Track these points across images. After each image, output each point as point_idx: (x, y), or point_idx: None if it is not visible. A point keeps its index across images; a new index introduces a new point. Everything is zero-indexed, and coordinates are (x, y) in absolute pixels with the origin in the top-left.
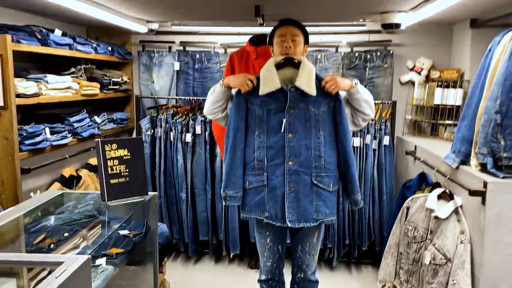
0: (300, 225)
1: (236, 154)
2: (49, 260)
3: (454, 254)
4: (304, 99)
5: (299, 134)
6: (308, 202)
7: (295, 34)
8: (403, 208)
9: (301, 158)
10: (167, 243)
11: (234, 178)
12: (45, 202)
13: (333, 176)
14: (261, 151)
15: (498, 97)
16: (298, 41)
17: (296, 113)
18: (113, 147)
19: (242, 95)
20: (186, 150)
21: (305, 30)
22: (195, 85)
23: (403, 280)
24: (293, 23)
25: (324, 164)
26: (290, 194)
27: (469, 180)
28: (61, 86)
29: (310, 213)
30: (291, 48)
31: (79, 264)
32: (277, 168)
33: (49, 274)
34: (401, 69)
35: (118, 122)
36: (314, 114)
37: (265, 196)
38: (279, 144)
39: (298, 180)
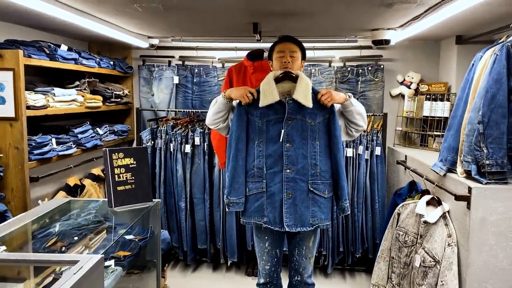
0: (297, 229)
1: (238, 163)
2: (65, 259)
3: (442, 257)
4: (301, 111)
5: (296, 144)
6: (304, 207)
7: (294, 50)
8: (394, 214)
9: (298, 166)
10: (168, 249)
11: (237, 185)
12: (54, 209)
13: (328, 183)
14: (261, 159)
15: (480, 108)
16: (296, 57)
17: (294, 124)
18: (120, 155)
19: (243, 107)
20: (186, 160)
21: (302, 46)
22: (193, 98)
23: (395, 284)
24: (292, 40)
25: (320, 172)
26: (288, 200)
27: (455, 186)
28: (67, 99)
29: (306, 218)
30: (290, 63)
31: (94, 262)
32: (275, 175)
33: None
34: (391, 83)
35: (119, 133)
36: (310, 125)
37: (264, 202)
38: (277, 153)
39: (295, 187)
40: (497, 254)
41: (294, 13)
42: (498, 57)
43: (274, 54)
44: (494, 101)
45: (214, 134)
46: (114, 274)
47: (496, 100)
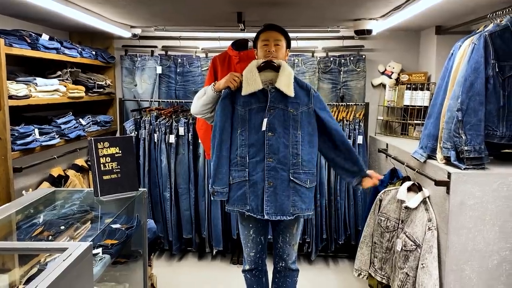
0: (277, 218)
1: (222, 153)
2: (54, 246)
3: (423, 240)
4: (284, 100)
5: (278, 133)
6: (285, 196)
7: (278, 39)
8: (376, 201)
9: (279, 155)
10: (155, 238)
11: (221, 175)
12: (38, 199)
13: (310, 173)
14: (244, 148)
15: (459, 96)
16: (280, 45)
17: (276, 113)
18: (105, 145)
19: (228, 97)
20: (170, 151)
21: (287, 35)
22: (177, 88)
23: (377, 268)
24: (277, 29)
25: (301, 162)
26: (269, 189)
27: (435, 172)
28: (49, 89)
29: (287, 207)
30: (274, 52)
31: (83, 249)
32: (257, 164)
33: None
34: (373, 73)
35: (102, 124)
36: (292, 115)
37: (247, 190)
38: (259, 142)
39: (276, 176)
40: (474, 237)
41: (278, 3)
42: (476, 46)
43: (258, 42)
44: (472, 89)
45: (200, 124)
46: (102, 261)
47: (474, 88)
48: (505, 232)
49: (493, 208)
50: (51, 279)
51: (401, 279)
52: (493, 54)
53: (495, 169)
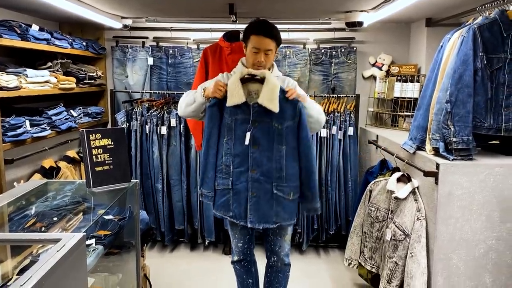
0: (261, 226)
1: (208, 159)
2: (47, 238)
3: (412, 230)
4: (269, 114)
5: (262, 146)
6: (268, 207)
7: (269, 48)
8: (366, 191)
9: (263, 168)
10: (147, 229)
11: (207, 180)
12: (30, 190)
13: (294, 186)
14: (228, 157)
15: (448, 88)
16: (270, 53)
17: (260, 127)
18: (97, 136)
19: (216, 104)
20: (162, 142)
21: (278, 37)
22: (168, 79)
23: (367, 257)
24: (269, 35)
25: (285, 176)
26: (253, 199)
27: (424, 163)
28: (39, 80)
29: (270, 216)
30: (263, 62)
31: (76, 240)
32: (241, 174)
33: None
34: (364, 65)
35: (93, 116)
36: (277, 129)
37: (230, 198)
38: (244, 153)
39: (260, 187)
40: (462, 227)
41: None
42: (465, 39)
43: (249, 43)
44: (461, 81)
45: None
46: (95, 252)
47: (463, 80)
48: (491, 222)
49: (480, 198)
50: (44, 270)
51: (390, 268)
52: (482, 46)
53: (483, 160)
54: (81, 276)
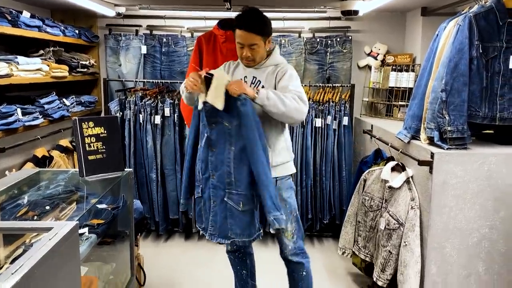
0: (218, 240)
1: (185, 163)
2: (39, 226)
3: (406, 219)
4: (219, 113)
5: (217, 149)
6: (223, 218)
7: (253, 43)
8: (361, 181)
9: (218, 173)
10: (141, 218)
11: (183, 187)
12: (22, 179)
13: (243, 195)
14: (199, 163)
15: (444, 77)
16: (256, 47)
17: (216, 128)
18: (90, 125)
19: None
20: (156, 132)
21: (263, 28)
22: (162, 68)
23: (361, 246)
24: (249, 29)
25: (235, 181)
26: (214, 208)
27: (418, 152)
28: (31, 68)
29: (225, 230)
30: (250, 56)
31: (69, 229)
32: (206, 181)
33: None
34: (359, 54)
35: (86, 104)
36: (228, 129)
37: (202, 207)
38: (206, 158)
39: (216, 194)
40: (456, 215)
41: None
42: (460, 27)
43: (235, 37)
44: (456, 70)
45: (184, 105)
46: (88, 241)
47: (458, 69)
48: (485, 211)
49: (474, 187)
50: (36, 258)
51: (384, 257)
52: (477, 35)
53: (477, 149)
54: (74, 265)
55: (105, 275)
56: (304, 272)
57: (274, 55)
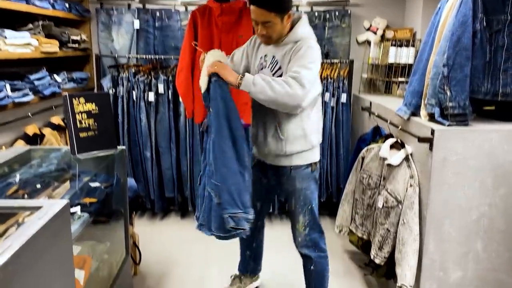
0: (203, 231)
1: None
2: (28, 205)
3: (404, 197)
4: (205, 97)
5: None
6: (208, 209)
7: (266, 20)
8: (359, 158)
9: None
10: (136, 196)
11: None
12: (12, 157)
13: (213, 184)
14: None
15: (446, 51)
16: (271, 24)
17: (208, 113)
18: (81, 101)
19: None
20: (150, 109)
21: (277, 5)
22: (156, 43)
23: (358, 224)
24: (261, 4)
25: (214, 171)
26: (205, 198)
27: (418, 129)
28: (20, 42)
29: (209, 221)
30: (265, 34)
31: (59, 207)
32: (204, 168)
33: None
34: (358, 29)
35: (78, 81)
36: (209, 115)
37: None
38: (205, 144)
39: (208, 183)
40: (455, 193)
41: None
42: (464, 0)
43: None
44: (459, 43)
45: (180, 81)
46: (81, 220)
47: (461, 42)
48: (484, 188)
49: (474, 164)
50: (25, 238)
51: (381, 235)
52: (482, 7)
53: (478, 125)
54: (65, 244)
55: (99, 255)
56: (312, 267)
57: (296, 30)
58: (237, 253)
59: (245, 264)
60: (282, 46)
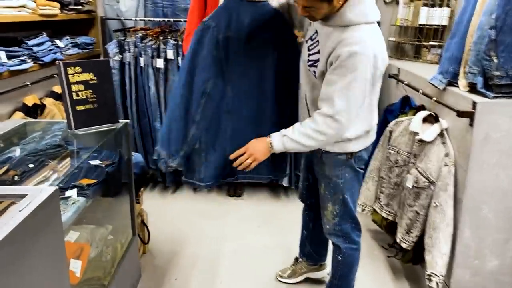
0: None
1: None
2: (11, 192)
3: (438, 177)
4: None
5: None
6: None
7: (307, 5)
8: (386, 132)
9: None
10: (143, 173)
11: None
12: (7, 132)
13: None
14: None
15: (494, 11)
16: (314, 10)
17: None
18: (77, 70)
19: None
20: (158, 77)
21: None
22: (164, 5)
23: (383, 204)
24: None
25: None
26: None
27: (456, 101)
28: (13, 4)
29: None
30: (308, 15)
31: (46, 196)
32: None
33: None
34: None
35: (83, 47)
36: None
37: None
38: None
39: None
40: (497, 174)
41: None
42: None
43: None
44: (510, 1)
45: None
46: (75, 205)
47: None
48: None
49: None
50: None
51: (410, 217)
52: None
53: None
54: (55, 236)
55: (100, 240)
56: (340, 257)
57: (343, 13)
58: (254, 231)
59: (302, 246)
60: (328, 27)
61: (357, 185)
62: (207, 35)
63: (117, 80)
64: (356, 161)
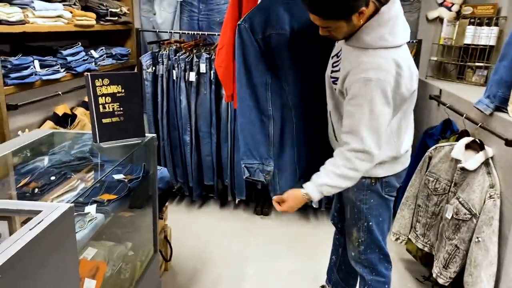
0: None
1: None
2: (26, 208)
3: (481, 210)
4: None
5: None
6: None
7: (325, 25)
8: (425, 158)
9: None
10: (168, 188)
11: None
12: (33, 141)
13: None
14: None
15: None
16: (332, 28)
17: None
18: (104, 82)
19: None
20: (190, 90)
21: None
22: (200, 18)
23: (419, 234)
24: (315, 11)
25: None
26: None
27: (504, 128)
28: (51, 14)
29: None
30: (328, 35)
31: (60, 213)
32: None
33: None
34: (429, 4)
35: (118, 57)
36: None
37: None
38: None
39: None
40: None
41: None
42: None
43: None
44: None
45: (219, 61)
46: (93, 223)
47: None
48: None
49: None
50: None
51: (448, 251)
52: None
53: None
54: (68, 256)
55: (117, 258)
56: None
57: (360, 36)
58: (280, 254)
59: (329, 272)
60: (349, 46)
61: (385, 213)
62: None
63: (150, 92)
64: (383, 187)
